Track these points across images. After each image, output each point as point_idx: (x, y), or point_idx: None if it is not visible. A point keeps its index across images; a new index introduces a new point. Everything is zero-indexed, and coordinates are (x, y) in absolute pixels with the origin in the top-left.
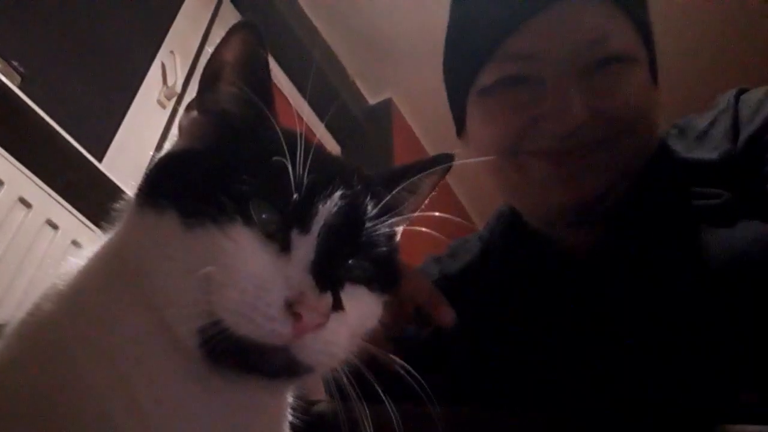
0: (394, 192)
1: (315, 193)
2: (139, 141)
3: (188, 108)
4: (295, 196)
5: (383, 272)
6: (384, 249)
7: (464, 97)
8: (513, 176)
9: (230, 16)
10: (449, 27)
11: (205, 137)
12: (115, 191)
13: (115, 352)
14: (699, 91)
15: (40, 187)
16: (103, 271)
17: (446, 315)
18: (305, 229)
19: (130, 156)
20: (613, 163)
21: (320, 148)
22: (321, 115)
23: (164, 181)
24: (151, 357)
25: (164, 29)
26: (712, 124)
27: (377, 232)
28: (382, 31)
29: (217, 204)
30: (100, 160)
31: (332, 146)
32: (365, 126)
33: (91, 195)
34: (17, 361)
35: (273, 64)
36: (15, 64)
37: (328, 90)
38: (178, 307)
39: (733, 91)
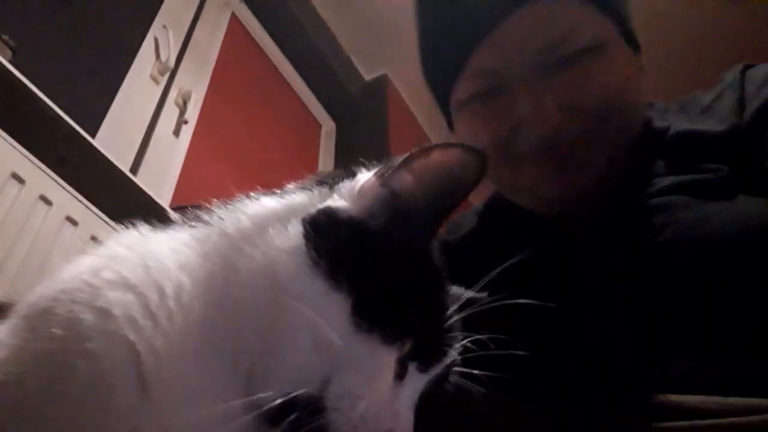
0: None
1: (450, 341)
2: (132, 116)
3: (378, 175)
4: (436, 338)
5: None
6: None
7: (446, 105)
8: (505, 176)
9: None
10: (418, 37)
11: (379, 215)
12: (109, 166)
13: (153, 378)
14: (699, 73)
15: (33, 163)
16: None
17: None
18: (426, 370)
19: (123, 131)
20: (601, 151)
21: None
22: (316, 91)
23: (340, 249)
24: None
25: (157, 3)
26: (717, 98)
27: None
28: (378, 7)
29: (389, 320)
30: (93, 135)
31: (328, 122)
32: (361, 102)
33: (84, 170)
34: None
35: (268, 40)
36: (6, 38)
37: (324, 66)
38: (286, 367)
39: (738, 67)
